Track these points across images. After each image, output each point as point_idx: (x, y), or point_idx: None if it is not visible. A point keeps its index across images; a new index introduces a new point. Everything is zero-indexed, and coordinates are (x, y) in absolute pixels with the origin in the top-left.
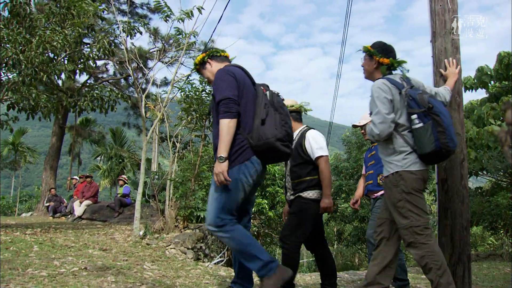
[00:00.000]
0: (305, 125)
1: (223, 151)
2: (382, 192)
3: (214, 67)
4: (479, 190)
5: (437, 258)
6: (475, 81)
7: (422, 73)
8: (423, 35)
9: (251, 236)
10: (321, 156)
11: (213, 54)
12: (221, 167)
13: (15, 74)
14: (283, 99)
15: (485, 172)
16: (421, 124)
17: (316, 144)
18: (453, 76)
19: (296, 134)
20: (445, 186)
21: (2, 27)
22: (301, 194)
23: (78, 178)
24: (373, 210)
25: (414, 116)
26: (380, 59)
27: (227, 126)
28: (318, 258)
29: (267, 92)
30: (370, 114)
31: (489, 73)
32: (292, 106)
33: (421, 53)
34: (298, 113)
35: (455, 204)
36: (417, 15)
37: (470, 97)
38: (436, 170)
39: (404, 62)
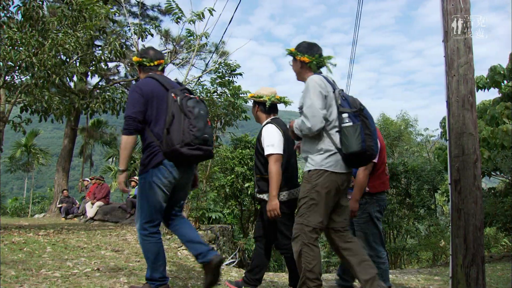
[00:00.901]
0: (270, 118)
1: (120, 165)
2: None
3: (141, 76)
4: (493, 191)
5: (312, 260)
6: (488, 80)
7: (433, 73)
8: (435, 35)
9: (160, 255)
10: (270, 155)
11: (141, 63)
12: (119, 178)
13: (28, 77)
14: (200, 100)
15: (498, 173)
16: (351, 123)
17: (267, 141)
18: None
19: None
20: (458, 187)
21: (16, 30)
22: (259, 196)
23: (89, 180)
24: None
25: (345, 115)
26: (301, 58)
27: (124, 142)
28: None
29: (178, 98)
30: (300, 108)
31: (502, 72)
32: (261, 97)
33: (432, 53)
34: (263, 105)
35: (469, 205)
36: (428, 15)
37: (482, 97)
38: (449, 171)
39: (330, 57)
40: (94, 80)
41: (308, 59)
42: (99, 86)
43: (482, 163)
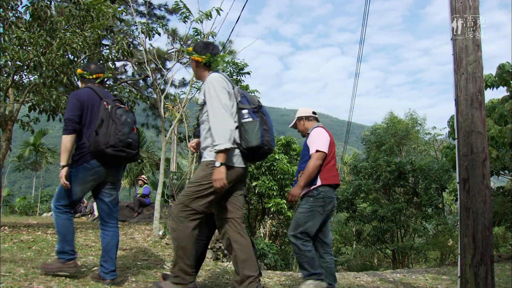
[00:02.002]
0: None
1: (61, 161)
2: (305, 191)
3: (81, 86)
4: (501, 190)
5: (181, 242)
6: (496, 79)
7: (440, 72)
8: (442, 34)
9: (70, 230)
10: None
11: (82, 75)
12: (61, 173)
13: (36, 76)
14: (129, 110)
15: (506, 172)
16: (251, 119)
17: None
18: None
19: None
20: (466, 185)
21: (24, 30)
22: None
23: None
24: (296, 209)
25: (245, 111)
26: (195, 57)
27: (64, 141)
28: None
29: (109, 106)
30: (202, 104)
31: (510, 70)
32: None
33: (439, 51)
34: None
35: (477, 204)
36: (436, 14)
37: (491, 95)
38: (457, 169)
39: (224, 56)
40: None
41: (200, 58)
42: (107, 85)
43: (490, 162)
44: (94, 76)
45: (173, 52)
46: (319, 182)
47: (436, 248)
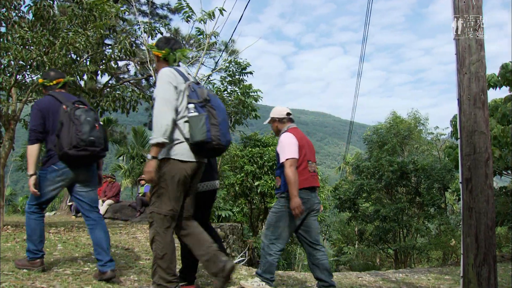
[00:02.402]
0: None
1: (28, 170)
2: (280, 192)
3: (44, 94)
4: (504, 190)
5: (163, 248)
6: (499, 78)
7: (443, 72)
8: (445, 33)
9: (36, 230)
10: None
11: (43, 84)
12: (29, 181)
13: (39, 76)
14: (90, 109)
15: (509, 172)
16: (196, 114)
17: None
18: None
19: None
20: (469, 185)
21: (27, 29)
22: None
23: None
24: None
25: (191, 106)
26: (155, 52)
27: (29, 150)
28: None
29: (68, 109)
30: (153, 99)
31: None
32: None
33: (442, 51)
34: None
35: (480, 204)
36: (439, 13)
37: (494, 95)
38: (460, 169)
39: (184, 51)
40: (104, 78)
41: (159, 53)
42: (109, 84)
43: (493, 161)
44: (54, 82)
45: None
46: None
47: (439, 248)
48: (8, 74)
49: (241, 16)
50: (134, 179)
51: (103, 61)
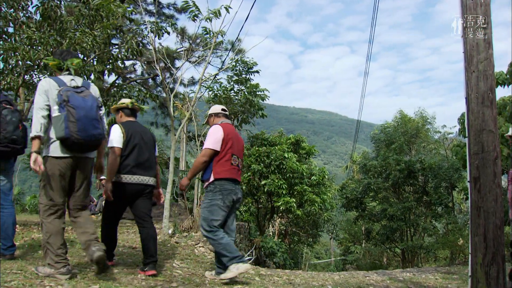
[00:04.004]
0: (126, 121)
1: None
2: (205, 185)
3: None
4: None
5: (47, 233)
6: (507, 76)
7: (450, 70)
8: (453, 32)
9: (11, 225)
10: (111, 147)
11: None
12: None
13: (46, 76)
14: (15, 110)
15: None
16: (57, 114)
17: (110, 136)
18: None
19: None
20: (477, 184)
21: (34, 30)
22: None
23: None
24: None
25: (55, 107)
26: (48, 61)
27: None
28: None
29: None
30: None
31: None
32: (123, 103)
33: (449, 49)
34: (128, 109)
35: (488, 203)
36: (446, 11)
37: (502, 93)
38: (468, 168)
39: (73, 61)
40: (111, 78)
41: (51, 62)
42: (116, 84)
43: (501, 160)
44: None
45: (182, 51)
46: (212, 177)
47: (446, 247)
48: (16, 74)
49: (248, 15)
50: None
51: (110, 61)
